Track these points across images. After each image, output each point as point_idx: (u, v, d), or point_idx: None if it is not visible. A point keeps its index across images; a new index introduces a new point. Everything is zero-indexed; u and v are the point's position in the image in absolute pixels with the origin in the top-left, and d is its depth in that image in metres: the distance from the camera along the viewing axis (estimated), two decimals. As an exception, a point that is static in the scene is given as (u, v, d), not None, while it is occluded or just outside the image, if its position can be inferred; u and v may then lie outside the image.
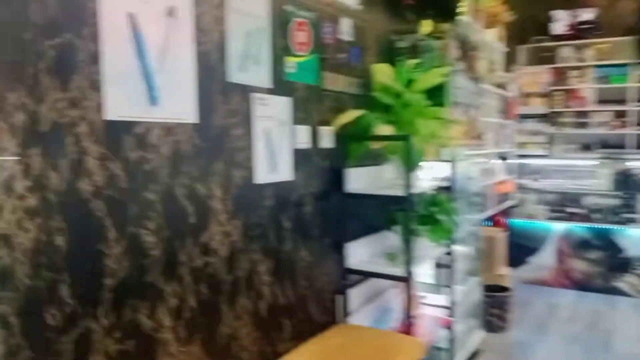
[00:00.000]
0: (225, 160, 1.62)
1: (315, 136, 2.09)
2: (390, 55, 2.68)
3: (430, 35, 2.60)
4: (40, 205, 1.10)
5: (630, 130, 5.24)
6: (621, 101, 5.27)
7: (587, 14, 5.48)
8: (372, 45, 2.52)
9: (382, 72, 2.31)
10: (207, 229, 1.56)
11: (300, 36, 1.98)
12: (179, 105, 1.46)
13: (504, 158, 4.56)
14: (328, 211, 2.19)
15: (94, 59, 1.22)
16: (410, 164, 2.09)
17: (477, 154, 3.48)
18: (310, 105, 2.05)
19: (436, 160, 2.42)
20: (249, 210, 1.73)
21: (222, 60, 1.61)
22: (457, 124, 2.74)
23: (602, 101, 5.48)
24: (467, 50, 3.02)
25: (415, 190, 2.19)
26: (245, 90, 1.71)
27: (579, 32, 5.47)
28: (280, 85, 1.87)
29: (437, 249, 2.57)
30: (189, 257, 1.49)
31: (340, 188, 2.23)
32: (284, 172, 1.91)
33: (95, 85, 1.23)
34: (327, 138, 2.16)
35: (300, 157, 2.00)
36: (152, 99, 1.37)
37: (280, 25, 1.87)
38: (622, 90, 5.24)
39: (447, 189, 2.71)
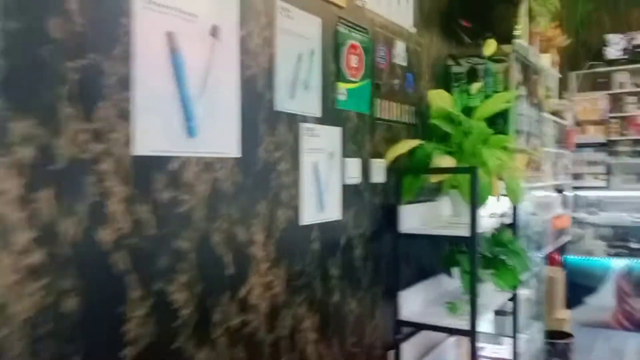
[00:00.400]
0: (269, 199, 1.41)
1: (366, 170, 1.86)
2: (447, 80, 2.46)
3: (490, 58, 2.37)
4: (48, 261, 0.90)
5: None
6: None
7: (642, 38, 5.13)
8: (427, 70, 2.30)
9: (440, 98, 2.07)
10: (246, 281, 1.33)
11: (352, 60, 1.77)
12: (220, 137, 1.26)
13: (560, 190, 4.23)
14: (380, 254, 1.94)
15: (124, 84, 1.03)
16: (475, 199, 1.82)
17: (537, 187, 3.18)
18: (361, 136, 1.83)
19: (499, 195, 2.15)
20: (292, 257, 1.50)
21: (269, 86, 1.41)
22: (525, 154, 2.47)
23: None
24: (529, 75, 2.76)
25: (480, 229, 1.92)
26: (293, 120, 1.50)
27: (634, 56, 5.16)
28: (330, 114, 1.66)
29: (501, 296, 2.27)
30: (224, 316, 1.26)
31: (393, 228, 1.98)
32: (332, 210, 1.68)
33: (124, 115, 1.03)
34: (379, 172, 1.93)
35: (350, 193, 1.77)
36: (190, 131, 1.17)
37: (332, 48, 1.67)
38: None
39: (509, 226, 2.42)
